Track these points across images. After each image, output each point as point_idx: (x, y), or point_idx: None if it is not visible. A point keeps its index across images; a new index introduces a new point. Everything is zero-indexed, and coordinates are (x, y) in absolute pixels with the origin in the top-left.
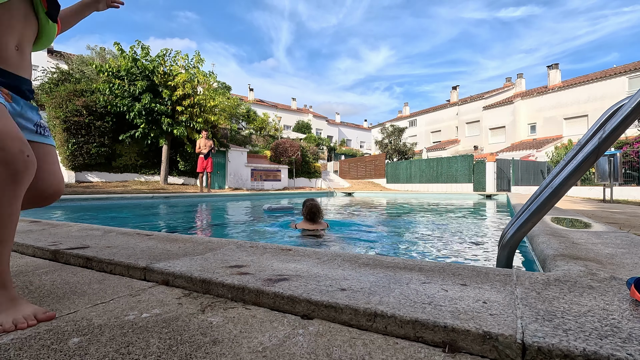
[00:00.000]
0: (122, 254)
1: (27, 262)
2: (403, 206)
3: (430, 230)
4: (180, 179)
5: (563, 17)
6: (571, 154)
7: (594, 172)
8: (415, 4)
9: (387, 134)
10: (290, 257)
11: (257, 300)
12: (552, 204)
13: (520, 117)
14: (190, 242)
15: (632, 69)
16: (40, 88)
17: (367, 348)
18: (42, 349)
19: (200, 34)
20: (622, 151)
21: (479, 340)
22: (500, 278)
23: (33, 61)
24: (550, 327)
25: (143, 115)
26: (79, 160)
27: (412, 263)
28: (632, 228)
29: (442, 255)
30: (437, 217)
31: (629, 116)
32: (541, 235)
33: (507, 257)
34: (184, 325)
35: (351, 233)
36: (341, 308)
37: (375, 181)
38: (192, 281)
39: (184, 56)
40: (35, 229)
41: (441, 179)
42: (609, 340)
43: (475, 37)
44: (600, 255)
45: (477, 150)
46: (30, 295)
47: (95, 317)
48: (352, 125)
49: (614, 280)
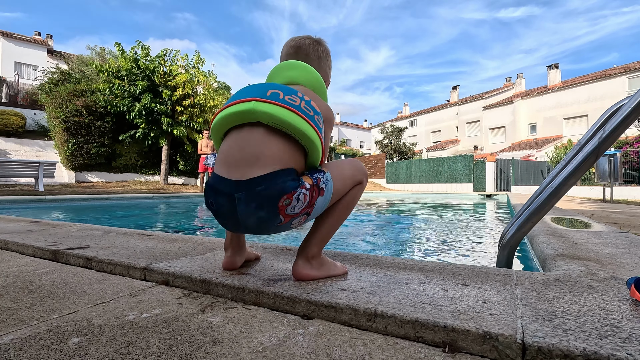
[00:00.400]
0: (122, 254)
1: (27, 262)
2: (403, 206)
3: (430, 230)
4: (180, 179)
5: (563, 17)
6: (571, 154)
7: (594, 172)
8: (415, 4)
9: (387, 134)
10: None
11: (257, 300)
12: (552, 204)
13: (520, 117)
14: (190, 242)
15: (632, 69)
16: (40, 88)
17: (367, 348)
18: (42, 349)
19: (200, 35)
20: (622, 151)
21: (479, 340)
22: (500, 278)
23: (33, 61)
24: (550, 327)
25: (143, 115)
26: (79, 160)
27: (412, 263)
28: (632, 228)
29: (442, 255)
30: (437, 217)
31: (629, 116)
32: (541, 235)
33: (507, 257)
34: (184, 325)
35: (351, 233)
36: (341, 308)
37: (375, 181)
38: (192, 281)
39: (183, 56)
40: (35, 229)
41: (441, 179)
42: (609, 340)
43: (475, 37)
44: (600, 255)
45: (477, 150)
46: (30, 295)
47: (95, 317)
48: (352, 125)
49: (614, 280)
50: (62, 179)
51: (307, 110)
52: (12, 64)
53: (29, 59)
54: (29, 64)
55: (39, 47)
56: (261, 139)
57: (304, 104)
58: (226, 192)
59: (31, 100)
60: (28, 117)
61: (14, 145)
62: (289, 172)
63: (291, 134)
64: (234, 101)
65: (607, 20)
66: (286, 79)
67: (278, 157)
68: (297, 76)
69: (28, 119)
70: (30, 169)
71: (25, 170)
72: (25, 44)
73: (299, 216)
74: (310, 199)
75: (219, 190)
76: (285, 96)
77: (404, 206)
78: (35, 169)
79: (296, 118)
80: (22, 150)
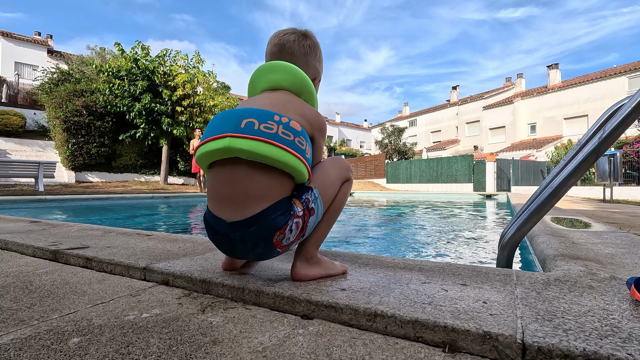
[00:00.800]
0: (122, 254)
1: (27, 262)
2: (403, 206)
3: (430, 230)
4: (180, 179)
5: (562, 17)
6: (571, 154)
7: (594, 172)
8: (415, 4)
9: (387, 134)
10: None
11: (257, 300)
12: (552, 204)
13: (520, 117)
14: (190, 242)
15: (632, 69)
16: (40, 88)
17: (367, 348)
18: (42, 349)
19: (200, 35)
20: (622, 151)
21: (479, 340)
22: (500, 278)
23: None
24: (550, 327)
25: (143, 115)
26: (79, 160)
27: (412, 263)
28: (632, 228)
29: (442, 255)
30: (437, 217)
31: (629, 116)
32: (541, 235)
33: (507, 257)
34: (184, 325)
35: (351, 233)
36: (341, 308)
37: (375, 181)
38: (192, 281)
39: (183, 56)
40: (35, 229)
41: (441, 179)
42: (609, 340)
43: (475, 37)
44: (600, 255)
45: (477, 150)
46: (30, 295)
47: (95, 317)
48: (352, 125)
49: (614, 280)
50: (62, 179)
51: (285, 136)
52: (12, 64)
53: (29, 59)
54: (29, 64)
55: (39, 47)
56: (245, 176)
57: (281, 129)
58: (222, 233)
59: (31, 100)
60: (28, 117)
61: (14, 145)
62: (278, 206)
63: (272, 165)
64: (209, 138)
65: (606, 20)
66: (270, 83)
67: (265, 193)
68: (281, 79)
69: (28, 119)
70: (30, 169)
71: (25, 170)
72: (25, 44)
73: (294, 242)
74: (303, 223)
75: (216, 231)
76: (261, 125)
77: (404, 206)
78: (35, 169)
79: (274, 150)
80: (22, 150)
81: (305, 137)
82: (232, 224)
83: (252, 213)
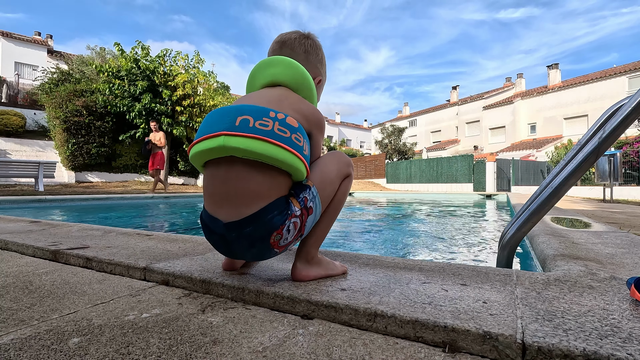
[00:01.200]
0: (122, 254)
1: (27, 262)
2: (403, 206)
3: (430, 230)
4: (180, 179)
5: (562, 18)
6: (571, 154)
7: (594, 172)
8: (415, 5)
9: (387, 134)
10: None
11: (257, 300)
12: (552, 204)
13: (520, 117)
14: (190, 242)
15: (632, 69)
16: (40, 88)
17: (367, 348)
18: (42, 349)
19: (200, 35)
20: (622, 151)
21: (479, 340)
22: (500, 278)
23: (33, 61)
24: (550, 327)
25: (143, 115)
26: (79, 160)
27: (412, 263)
28: (632, 228)
29: (442, 255)
30: (437, 217)
31: (629, 116)
32: (541, 235)
33: (507, 257)
34: (184, 325)
35: (351, 233)
36: (341, 308)
37: (375, 181)
38: (192, 281)
39: (183, 56)
40: (35, 229)
41: (441, 179)
42: (609, 340)
43: (474, 38)
44: (600, 255)
45: (477, 150)
46: (30, 295)
47: (95, 317)
48: (352, 125)
49: (614, 280)
50: (62, 179)
51: (281, 133)
52: (12, 64)
53: (29, 59)
54: (29, 64)
55: (39, 47)
56: (240, 174)
57: (277, 125)
58: (219, 233)
59: (31, 100)
60: (28, 117)
61: (14, 145)
62: (275, 206)
63: (268, 163)
64: (203, 136)
65: (606, 20)
66: (269, 77)
67: (260, 192)
68: (280, 73)
69: (28, 119)
70: (30, 169)
71: (25, 170)
72: (25, 44)
73: (292, 242)
74: (301, 223)
75: (212, 231)
76: (256, 122)
77: (404, 206)
78: (35, 169)
79: (270, 148)
80: (22, 150)
81: (302, 134)
82: (228, 225)
83: (248, 213)
